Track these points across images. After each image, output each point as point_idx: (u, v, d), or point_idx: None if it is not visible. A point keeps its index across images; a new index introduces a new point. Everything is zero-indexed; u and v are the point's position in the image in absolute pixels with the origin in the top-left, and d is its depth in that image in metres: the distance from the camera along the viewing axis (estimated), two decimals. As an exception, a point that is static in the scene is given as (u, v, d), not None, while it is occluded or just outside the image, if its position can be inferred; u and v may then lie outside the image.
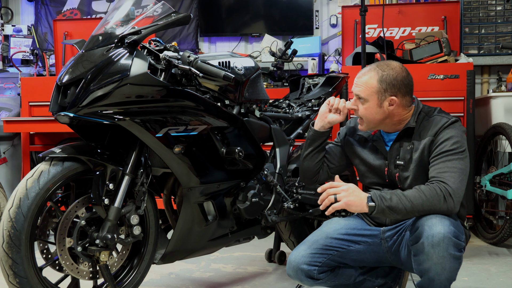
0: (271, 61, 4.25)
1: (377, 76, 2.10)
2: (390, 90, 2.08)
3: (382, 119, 2.12)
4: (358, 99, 2.14)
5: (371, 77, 2.10)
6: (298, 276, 2.17)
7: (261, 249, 3.51)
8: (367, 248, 2.19)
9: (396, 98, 2.09)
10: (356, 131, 2.30)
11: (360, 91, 2.12)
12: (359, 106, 2.14)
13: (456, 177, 1.97)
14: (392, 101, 2.09)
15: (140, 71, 2.05)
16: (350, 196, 1.97)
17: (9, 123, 4.07)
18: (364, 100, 2.11)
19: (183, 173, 2.26)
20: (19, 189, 1.97)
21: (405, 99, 2.11)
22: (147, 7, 2.25)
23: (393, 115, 2.11)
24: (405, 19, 4.62)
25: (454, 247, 1.89)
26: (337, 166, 2.36)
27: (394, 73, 2.09)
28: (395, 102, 2.09)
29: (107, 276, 2.14)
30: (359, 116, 2.16)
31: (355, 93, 2.15)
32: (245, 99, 2.58)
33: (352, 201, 1.97)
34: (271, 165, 2.77)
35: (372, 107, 2.10)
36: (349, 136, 2.32)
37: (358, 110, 2.15)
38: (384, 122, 2.13)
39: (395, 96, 2.09)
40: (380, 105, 2.09)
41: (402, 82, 2.10)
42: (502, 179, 3.69)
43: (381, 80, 2.09)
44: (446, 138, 2.04)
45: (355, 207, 1.97)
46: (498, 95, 4.03)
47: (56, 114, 2.08)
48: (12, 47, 5.11)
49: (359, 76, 2.15)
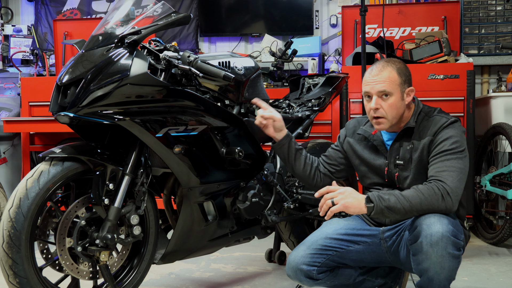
0: (271, 61, 4.25)
1: (395, 69, 2.12)
2: (407, 81, 2.14)
3: (402, 113, 2.14)
4: (380, 96, 2.11)
5: (391, 72, 2.11)
6: (298, 277, 2.17)
7: (261, 249, 3.51)
8: (367, 248, 2.19)
9: (412, 87, 2.15)
10: (356, 131, 2.30)
11: (385, 86, 2.10)
12: (382, 104, 2.10)
13: (454, 176, 1.98)
14: (411, 92, 2.14)
15: (140, 71, 2.05)
16: (348, 198, 1.97)
17: (9, 123, 4.07)
18: (390, 95, 2.10)
19: (183, 173, 2.26)
20: (19, 189, 1.97)
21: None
22: (147, 7, 2.25)
23: (409, 106, 2.15)
24: (405, 19, 4.62)
25: (453, 246, 1.89)
26: (338, 170, 2.38)
27: (403, 66, 2.15)
28: (413, 92, 2.15)
29: (107, 276, 2.14)
30: (381, 116, 2.11)
31: (379, 90, 2.10)
32: (245, 99, 2.58)
33: (349, 203, 1.97)
34: (271, 165, 2.77)
35: (397, 101, 2.11)
36: (349, 137, 2.32)
37: (380, 109, 2.11)
38: (403, 116, 2.15)
39: (411, 86, 2.15)
40: (402, 98, 2.12)
41: (410, 73, 2.17)
42: (502, 179, 3.69)
43: (399, 72, 2.12)
44: (445, 138, 2.05)
45: (353, 209, 1.97)
46: (498, 95, 4.03)
47: (56, 114, 2.08)
48: (12, 47, 5.11)
49: (376, 74, 2.12)
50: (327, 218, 2.00)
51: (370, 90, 2.13)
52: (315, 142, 3.10)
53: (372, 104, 2.12)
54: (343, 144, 2.35)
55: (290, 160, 2.35)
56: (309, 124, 3.06)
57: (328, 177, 2.37)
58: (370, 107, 2.13)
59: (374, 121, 2.14)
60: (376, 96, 2.11)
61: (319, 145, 3.07)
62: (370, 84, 2.13)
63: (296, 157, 2.34)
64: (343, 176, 2.45)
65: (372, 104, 2.12)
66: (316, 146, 3.05)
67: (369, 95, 2.14)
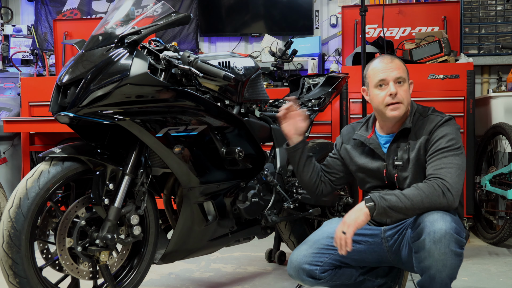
0: (271, 61, 4.25)
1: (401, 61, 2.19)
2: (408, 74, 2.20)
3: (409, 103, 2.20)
4: (397, 83, 2.14)
5: (400, 61, 2.19)
6: (300, 276, 2.17)
7: (261, 249, 3.51)
8: (368, 248, 2.19)
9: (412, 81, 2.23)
10: (351, 137, 2.31)
11: (400, 72, 2.14)
12: (398, 90, 2.14)
13: (453, 172, 1.99)
14: (412, 84, 2.22)
15: (140, 71, 2.05)
16: (350, 217, 1.97)
17: (9, 123, 4.07)
18: (403, 81, 2.15)
19: (183, 173, 2.26)
20: (19, 189, 1.97)
21: None
22: (147, 7, 2.25)
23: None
24: (405, 19, 4.62)
25: (456, 244, 1.89)
26: (338, 178, 2.40)
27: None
28: (412, 85, 2.23)
29: (107, 276, 2.14)
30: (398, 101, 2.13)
31: (396, 76, 2.13)
32: (245, 99, 2.58)
33: (354, 218, 1.97)
34: (271, 165, 2.77)
35: (408, 88, 2.18)
36: (346, 144, 2.33)
37: (397, 94, 2.13)
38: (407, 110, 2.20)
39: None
40: (409, 86, 2.20)
41: None
42: (502, 179, 3.69)
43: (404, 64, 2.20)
44: (441, 136, 2.07)
45: (360, 220, 1.96)
46: (498, 95, 4.03)
47: (56, 114, 2.08)
48: (12, 47, 5.12)
49: (389, 61, 2.16)
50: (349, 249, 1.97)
51: (386, 77, 2.13)
52: (315, 142, 3.10)
53: (392, 89, 2.12)
54: (340, 151, 2.36)
55: (300, 166, 2.36)
56: (309, 124, 3.06)
57: (329, 185, 2.40)
58: (390, 92, 2.13)
59: (391, 107, 2.13)
60: (393, 82, 2.13)
61: (319, 145, 3.07)
62: (385, 71, 2.14)
63: (306, 164, 2.35)
64: (343, 183, 2.46)
65: (392, 89, 2.12)
66: (316, 146, 3.05)
67: (383, 83, 2.14)
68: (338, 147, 2.38)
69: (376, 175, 2.21)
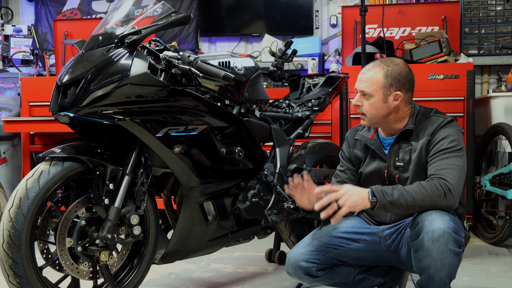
0: (271, 61, 4.25)
1: (383, 71, 2.12)
2: (395, 85, 2.11)
3: (386, 115, 2.13)
4: (363, 95, 2.15)
5: (376, 72, 2.12)
6: (297, 273, 2.17)
7: (261, 249, 3.51)
8: (366, 247, 2.19)
9: (401, 93, 2.12)
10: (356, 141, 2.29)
11: (365, 86, 2.13)
12: (364, 102, 2.15)
13: (454, 173, 1.98)
14: (397, 96, 2.12)
15: (140, 71, 2.05)
16: (351, 197, 1.95)
17: (9, 123, 4.07)
18: (369, 95, 2.12)
19: (183, 173, 2.26)
20: (19, 189, 1.97)
21: (408, 95, 2.15)
22: (147, 7, 2.26)
23: (397, 110, 2.13)
24: (405, 19, 4.62)
25: (454, 243, 1.89)
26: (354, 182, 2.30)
27: (398, 68, 2.13)
28: (400, 97, 2.12)
29: (107, 276, 2.14)
30: (362, 112, 2.17)
31: (360, 89, 2.15)
32: (245, 99, 2.58)
33: (355, 202, 1.95)
34: (271, 165, 2.77)
35: (377, 102, 2.12)
36: (352, 148, 2.31)
37: (362, 106, 2.16)
38: (388, 118, 2.14)
39: (399, 91, 2.12)
40: (385, 100, 2.12)
41: (406, 78, 2.13)
42: (502, 179, 3.69)
43: (387, 75, 2.11)
44: (443, 137, 2.06)
45: (359, 207, 1.95)
46: (498, 95, 4.03)
47: (56, 114, 2.08)
48: (12, 47, 5.12)
49: (364, 72, 2.16)
50: (333, 221, 1.96)
51: (357, 86, 2.18)
52: (315, 142, 3.10)
53: (354, 101, 2.19)
54: (351, 158, 2.31)
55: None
56: (309, 124, 3.06)
57: None
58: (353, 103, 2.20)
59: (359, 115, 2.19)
60: (360, 94, 2.16)
61: (319, 145, 3.07)
62: (358, 80, 2.18)
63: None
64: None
65: (354, 101, 2.19)
66: (316, 146, 3.06)
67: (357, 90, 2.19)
68: (347, 154, 2.32)
69: (377, 176, 2.21)
